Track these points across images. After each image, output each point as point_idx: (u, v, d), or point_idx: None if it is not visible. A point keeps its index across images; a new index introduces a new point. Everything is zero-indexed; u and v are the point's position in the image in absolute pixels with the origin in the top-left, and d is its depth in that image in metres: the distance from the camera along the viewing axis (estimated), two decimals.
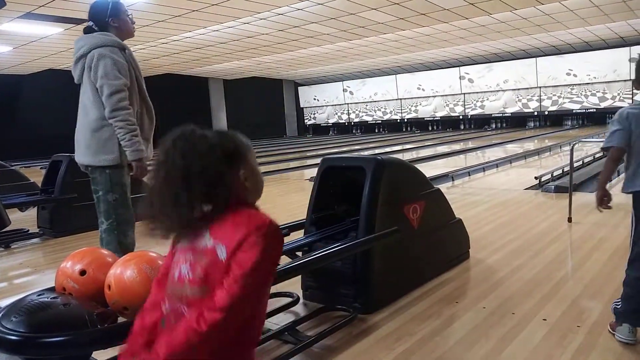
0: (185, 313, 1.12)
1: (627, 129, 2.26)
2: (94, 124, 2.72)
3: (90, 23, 2.82)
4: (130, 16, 2.87)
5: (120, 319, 1.69)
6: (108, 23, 2.79)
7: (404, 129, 24.32)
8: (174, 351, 1.09)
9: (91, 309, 1.61)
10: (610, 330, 2.29)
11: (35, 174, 9.14)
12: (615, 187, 6.18)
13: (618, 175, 6.89)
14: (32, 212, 5.46)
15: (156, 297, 1.26)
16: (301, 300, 2.83)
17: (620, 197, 2.60)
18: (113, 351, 1.99)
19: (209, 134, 1.19)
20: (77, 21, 9.85)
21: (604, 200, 2.38)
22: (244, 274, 1.08)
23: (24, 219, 5.47)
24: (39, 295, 1.64)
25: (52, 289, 1.75)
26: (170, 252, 1.26)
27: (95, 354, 1.69)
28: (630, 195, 2.38)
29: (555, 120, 20.54)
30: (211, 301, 1.08)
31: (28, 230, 5.06)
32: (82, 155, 2.82)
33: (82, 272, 1.72)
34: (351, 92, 25.09)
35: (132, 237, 2.84)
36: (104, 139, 2.71)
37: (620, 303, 2.28)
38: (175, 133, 1.18)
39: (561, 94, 19.53)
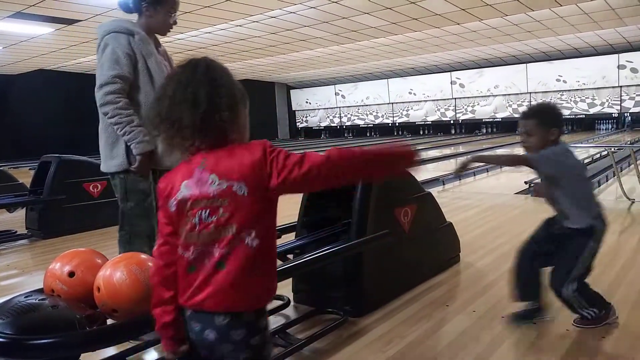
0: (217, 253, 1.20)
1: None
2: (102, 126, 2.50)
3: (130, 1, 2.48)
4: (173, 16, 2.51)
5: (110, 321, 1.68)
6: (141, 7, 2.46)
7: (395, 133, 24.40)
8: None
9: (80, 311, 1.59)
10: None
11: (24, 174, 9.05)
12: (605, 191, 6.25)
13: (607, 181, 6.98)
14: (21, 213, 5.40)
15: (166, 255, 1.28)
16: (292, 303, 2.83)
17: (608, 202, 2.64)
18: (101, 353, 1.98)
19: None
20: (67, 21, 9.80)
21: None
22: (294, 161, 1.24)
23: (12, 220, 5.42)
24: (26, 297, 1.62)
25: (40, 291, 1.73)
26: (166, 208, 1.26)
27: (83, 356, 1.68)
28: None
29: None
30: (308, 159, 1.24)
31: (16, 232, 5.01)
32: (101, 161, 2.55)
33: (71, 274, 1.70)
34: (343, 96, 25.13)
35: (148, 254, 2.58)
36: (111, 142, 2.46)
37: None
38: (199, 58, 1.28)
39: (551, 99, 19.69)
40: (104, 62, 2.38)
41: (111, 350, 2.09)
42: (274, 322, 2.60)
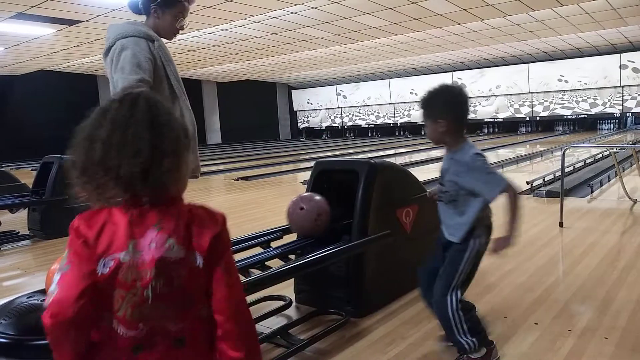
0: (174, 329, 1.03)
1: None
2: None
3: (139, 2, 2.43)
4: (180, 22, 2.43)
5: None
6: (149, 9, 2.38)
7: (397, 133, 24.38)
8: None
9: None
10: None
11: (26, 175, 9.06)
12: (606, 192, 6.25)
13: (609, 181, 6.97)
14: (23, 214, 5.41)
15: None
16: (293, 304, 2.83)
17: (610, 202, 2.61)
18: None
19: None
20: (69, 22, 9.81)
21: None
22: (236, 278, 1.10)
23: (14, 220, 5.42)
24: (28, 297, 1.63)
25: (42, 292, 1.74)
26: (89, 263, 1.00)
27: None
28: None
29: (546, 125, 20.70)
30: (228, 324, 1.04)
31: (18, 232, 5.02)
32: None
33: None
34: (344, 96, 25.13)
35: None
36: None
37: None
38: (137, 92, 1.07)
39: (552, 99, 19.69)
40: (124, 65, 2.23)
41: None
42: (276, 322, 2.60)
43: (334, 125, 26.15)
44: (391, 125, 24.27)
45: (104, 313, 1.02)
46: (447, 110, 2.03)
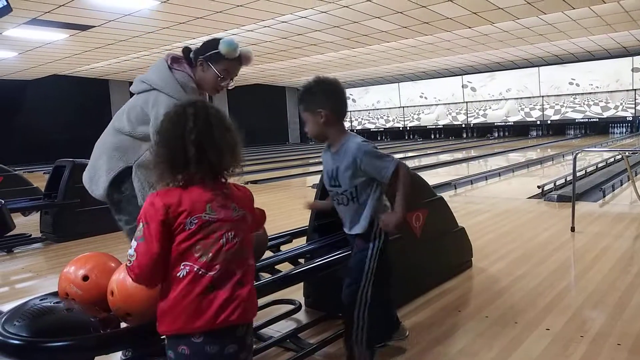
0: (238, 272, 1.37)
1: None
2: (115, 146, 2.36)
3: (195, 47, 2.35)
4: (222, 80, 2.32)
5: (123, 325, 1.69)
6: (196, 64, 2.29)
7: (406, 137, 24.33)
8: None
9: (94, 315, 1.61)
10: None
11: (39, 178, 9.17)
12: (619, 196, 6.18)
13: (621, 185, 6.89)
14: (35, 217, 5.47)
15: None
16: (303, 308, 2.83)
17: (623, 207, 2.58)
18: (114, 357, 1.99)
19: None
20: (81, 27, 9.93)
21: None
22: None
23: (26, 223, 5.48)
24: (41, 299, 1.64)
25: (55, 294, 1.75)
26: (173, 224, 1.33)
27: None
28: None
29: (557, 129, 20.55)
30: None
31: (30, 235, 5.07)
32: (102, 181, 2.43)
33: (85, 278, 1.72)
34: (354, 100, 25.14)
35: None
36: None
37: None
38: (201, 100, 1.50)
39: (564, 103, 19.54)
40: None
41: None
42: (286, 326, 2.60)
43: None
44: (400, 129, 24.23)
45: (186, 262, 1.33)
46: (325, 100, 2.00)
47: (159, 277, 1.37)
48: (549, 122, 20.22)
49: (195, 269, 1.32)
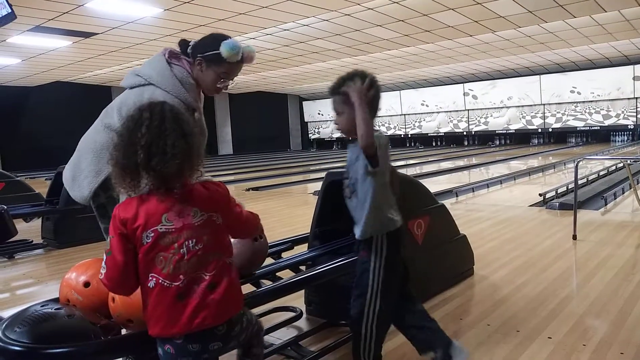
0: (208, 277, 1.36)
1: None
2: (97, 147, 2.21)
3: (193, 42, 2.22)
4: (223, 82, 2.18)
5: (124, 331, 1.69)
6: (196, 60, 2.16)
7: (407, 145, 24.34)
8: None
9: (95, 321, 1.60)
10: None
11: (41, 184, 9.18)
12: (620, 204, 6.17)
13: (623, 193, 6.88)
14: (36, 223, 5.47)
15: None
16: (304, 315, 2.82)
17: (625, 215, 2.57)
18: None
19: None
20: (84, 34, 9.98)
21: None
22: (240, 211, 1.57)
23: (27, 229, 5.48)
24: (42, 306, 1.64)
25: (56, 300, 1.75)
26: (132, 238, 1.35)
27: None
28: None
29: (559, 137, 20.55)
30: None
31: (32, 241, 5.07)
32: (87, 183, 2.29)
33: (86, 284, 1.72)
34: None
35: None
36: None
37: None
38: (158, 102, 1.43)
39: (565, 111, 19.56)
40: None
41: None
42: (287, 334, 2.59)
43: (344, 136, 26.05)
44: (402, 136, 24.25)
45: (152, 273, 1.34)
46: (379, 100, 1.95)
47: (130, 286, 1.42)
48: (550, 130, 20.23)
49: (160, 281, 1.35)
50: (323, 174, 3.16)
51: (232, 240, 1.62)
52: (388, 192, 1.98)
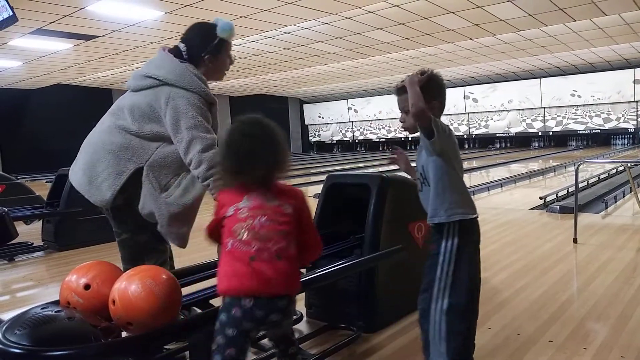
0: (274, 248, 1.60)
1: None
2: (113, 149, 2.18)
3: (182, 46, 2.24)
4: (231, 56, 2.30)
5: (124, 334, 1.69)
6: (200, 58, 2.22)
7: (408, 147, 24.33)
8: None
9: (95, 324, 1.60)
10: None
11: (41, 187, 9.19)
12: (621, 207, 6.17)
13: (623, 197, 6.88)
14: (37, 225, 5.47)
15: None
16: (304, 318, 2.82)
17: (625, 218, 2.57)
18: None
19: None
20: (86, 37, 10.00)
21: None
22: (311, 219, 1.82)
23: (28, 231, 5.48)
24: (43, 308, 1.64)
25: (56, 303, 1.75)
26: (221, 212, 1.67)
27: None
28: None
29: (559, 140, 20.56)
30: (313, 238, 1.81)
31: (32, 244, 5.07)
32: (103, 188, 2.23)
33: (87, 287, 1.72)
34: (356, 110, 25.21)
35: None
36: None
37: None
38: (257, 118, 1.77)
39: (565, 114, 19.57)
40: (197, 124, 2.11)
41: None
42: None
43: (345, 139, 26.21)
44: (402, 139, 24.24)
45: (231, 237, 1.61)
46: (439, 90, 1.96)
47: (215, 239, 1.72)
48: (550, 133, 20.24)
49: (237, 245, 1.60)
50: (324, 177, 3.16)
51: None
52: (459, 181, 1.92)
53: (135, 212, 2.13)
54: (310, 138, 27.48)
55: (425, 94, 1.84)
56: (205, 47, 2.18)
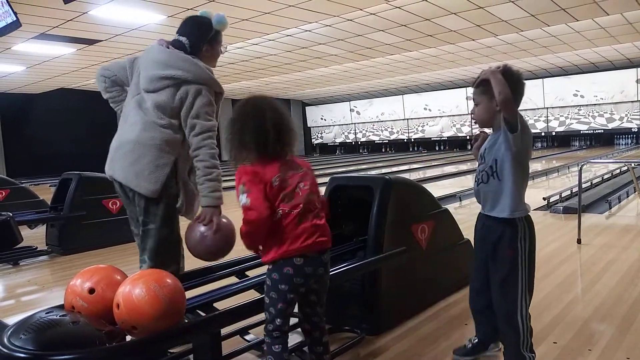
0: (315, 208, 1.83)
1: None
2: (147, 142, 2.37)
3: (184, 39, 2.42)
4: (223, 46, 2.55)
5: (129, 338, 1.69)
6: (200, 48, 2.42)
7: (410, 149, 24.34)
8: None
9: (100, 328, 1.61)
10: None
11: (45, 191, 9.22)
12: (625, 207, 6.15)
13: (627, 197, 6.86)
14: (41, 230, 5.49)
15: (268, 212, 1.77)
16: None
17: (629, 219, 2.56)
18: None
19: None
20: (89, 42, 10.04)
21: None
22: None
23: (32, 236, 5.50)
24: (47, 313, 1.64)
25: (60, 307, 1.76)
26: (262, 185, 1.77)
27: None
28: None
29: (562, 141, 20.51)
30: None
31: (36, 248, 5.08)
32: (137, 178, 2.40)
33: (91, 291, 1.73)
34: (358, 112, 25.21)
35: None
36: (162, 163, 2.40)
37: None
38: (267, 97, 1.95)
39: (568, 114, 19.53)
40: (208, 110, 2.34)
41: None
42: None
43: (347, 141, 26.21)
44: (405, 140, 24.25)
45: (279, 206, 1.77)
46: (517, 86, 1.94)
47: (267, 212, 1.78)
48: (553, 133, 20.20)
49: (287, 210, 1.77)
50: (326, 179, 3.16)
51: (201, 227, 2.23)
52: (526, 178, 2.01)
53: (166, 202, 2.33)
54: (312, 140, 27.49)
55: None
56: (204, 37, 2.40)
